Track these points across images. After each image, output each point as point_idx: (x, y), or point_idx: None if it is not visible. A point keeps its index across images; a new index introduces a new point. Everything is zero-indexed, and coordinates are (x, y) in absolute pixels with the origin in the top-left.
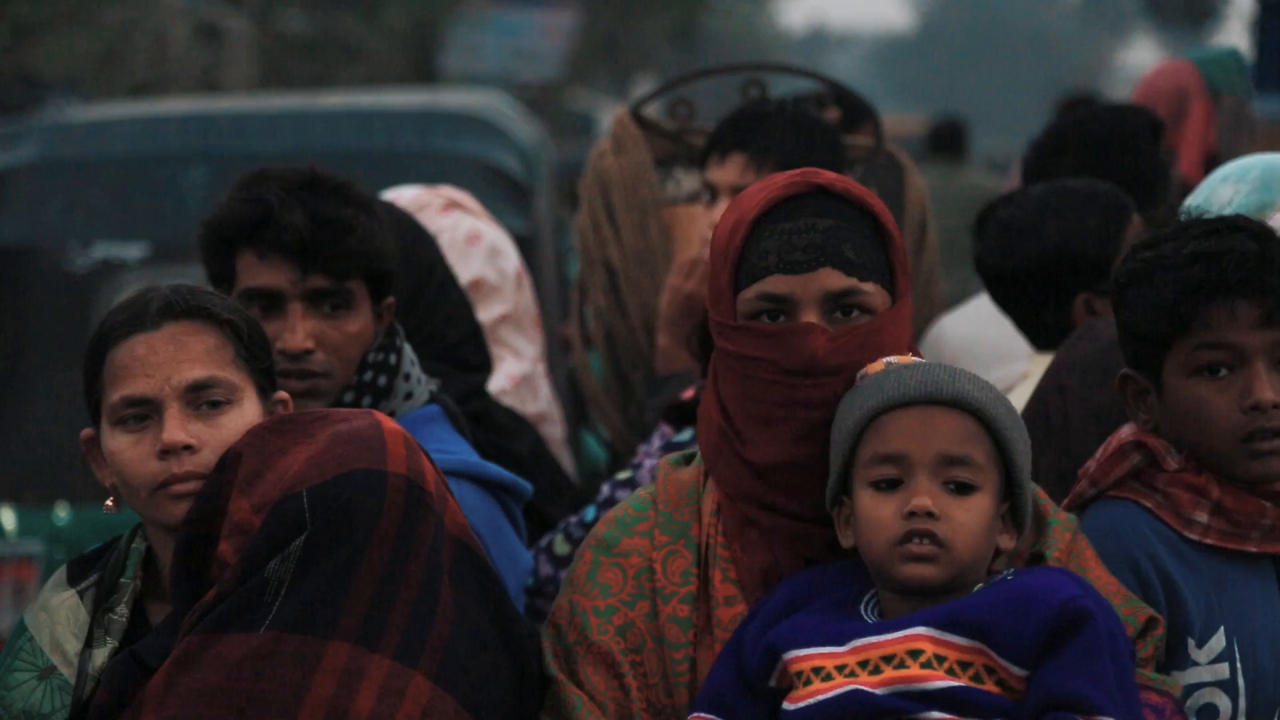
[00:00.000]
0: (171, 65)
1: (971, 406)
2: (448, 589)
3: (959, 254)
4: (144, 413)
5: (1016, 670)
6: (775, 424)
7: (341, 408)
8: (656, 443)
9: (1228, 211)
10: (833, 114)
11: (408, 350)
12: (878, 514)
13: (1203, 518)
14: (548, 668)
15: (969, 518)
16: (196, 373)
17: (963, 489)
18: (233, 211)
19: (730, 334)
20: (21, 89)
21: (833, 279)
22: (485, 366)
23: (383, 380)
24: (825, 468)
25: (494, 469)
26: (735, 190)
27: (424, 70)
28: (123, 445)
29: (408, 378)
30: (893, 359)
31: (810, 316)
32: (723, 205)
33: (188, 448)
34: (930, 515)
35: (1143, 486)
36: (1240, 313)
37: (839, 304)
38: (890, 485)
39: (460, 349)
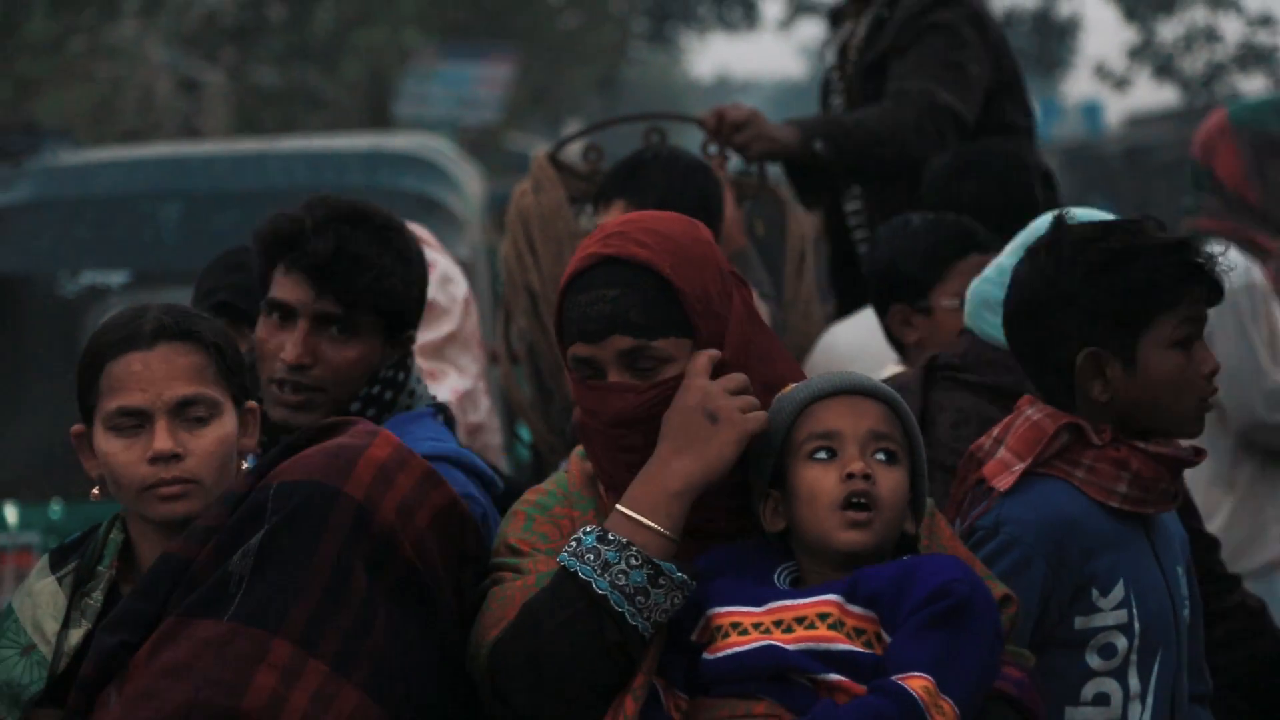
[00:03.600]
0: (157, 115)
1: (889, 399)
2: (385, 608)
3: None
4: (137, 422)
5: (889, 639)
6: (614, 457)
7: (349, 419)
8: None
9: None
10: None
11: (415, 368)
12: (820, 483)
13: (1122, 488)
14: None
15: (895, 483)
16: (185, 390)
17: (889, 459)
18: (276, 225)
19: (572, 383)
20: (23, 137)
21: (623, 342)
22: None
23: (389, 395)
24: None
25: (476, 460)
26: None
27: (379, 117)
28: (116, 449)
29: (412, 393)
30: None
31: (614, 376)
32: None
33: (175, 456)
34: (867, 477)
35: (1067, 464)
36: (1200, 294)
37: (633, 361)
38: (829, 455)
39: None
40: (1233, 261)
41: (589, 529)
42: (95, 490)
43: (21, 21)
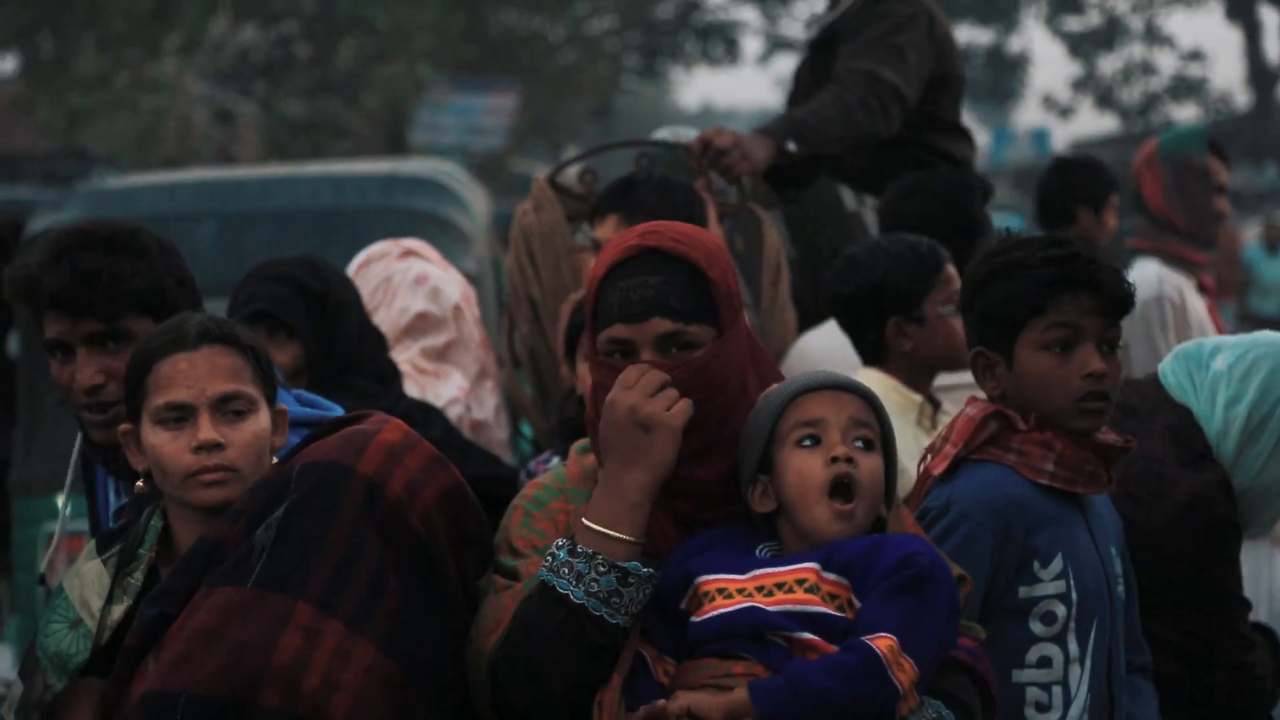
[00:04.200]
0: (195, 143)
1: (865, 394)
2: (395, 574)
3: None
4: (181, 415)
5: (859, 604)
6: None
7: (368, 410)
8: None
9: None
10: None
11: None
12: (807, 467)
13: (1049, 466)
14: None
15: (874, 467)
16: (225, 387)
17: (867, 445)
18: (12, 281)
19: (595, 366)
20: (74, 163)
21: (663, 325)
22: (397, 375)
23: None
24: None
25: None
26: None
27: (396, 144)
28: (162, 440)
29: None
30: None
31: (647, 355)
32: None
33: (218, 445)
34: (850, 460)
35: (999, 449)
36: (1083, 303)
37: (670, 343)
38: (812, 446)
39: (382, 367)
40: (1146, 277)
41: (560, 543)
42: (139, 483)
43: (73, 59)
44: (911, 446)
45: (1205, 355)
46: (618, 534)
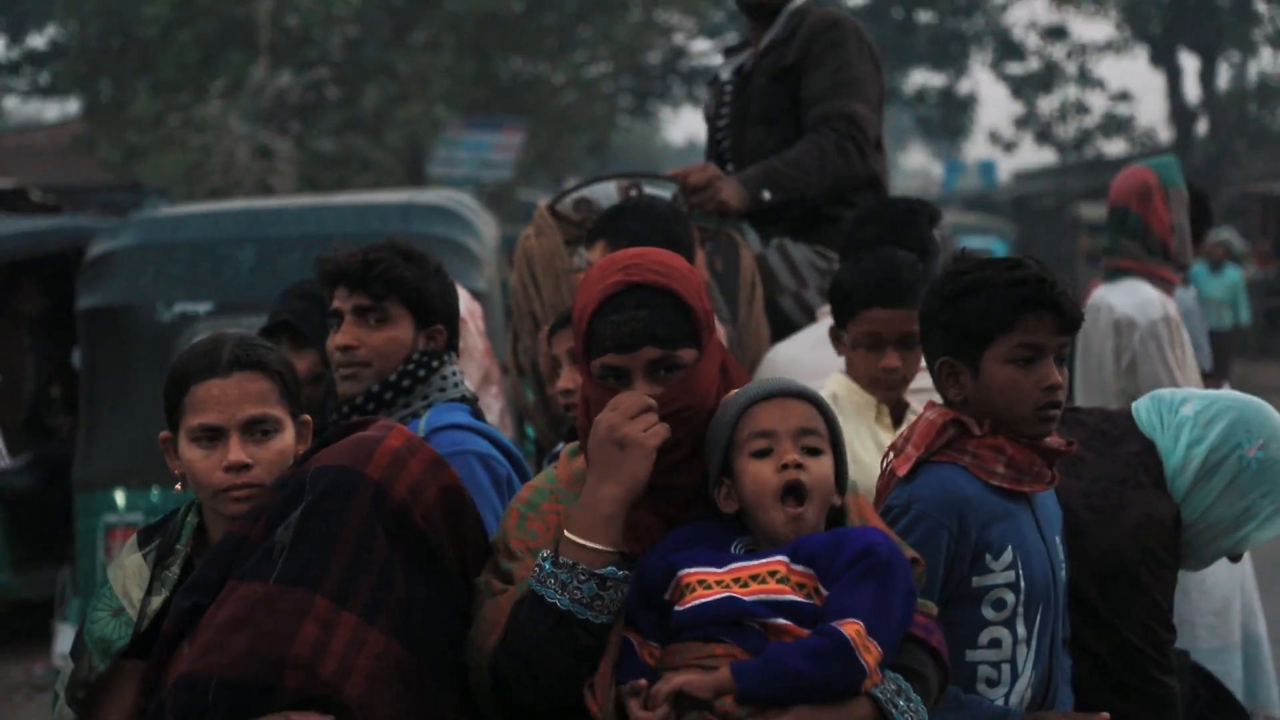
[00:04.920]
0: (237, 176)
1: (813, 399)
2: (402, 568)
3: None
4: (214, 436)
5: (826, 592)
6: None
7: (372, 417)
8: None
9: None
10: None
11: (453, 365)
12: (760, 475)
13: (1000, 469)
14: (483, 586)
15: (822, 470)
16: (254, 411)
17: (814, 451)
18: (322, 262)
19: (591, 388)
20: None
21: (652, 353)
22: None
23: (422, 373)
24: (668, 480)
25: (498, 434)
26: None
27: (416, 177)
28: (196, 457)
29: (444, 378)
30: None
31: (639, 379)
32: None
33: (245, 466)
34: (799, 466)
35: (955, 451)
36: (1046, 322)
37: (659, 367)
38: (764, 453)
39: None
40: (1149, 298)
41: (545, 554)
42: (179, 485)
43: (129, 102)
44: (868, 441)
45: (1177, 401)
46: (594, 544)
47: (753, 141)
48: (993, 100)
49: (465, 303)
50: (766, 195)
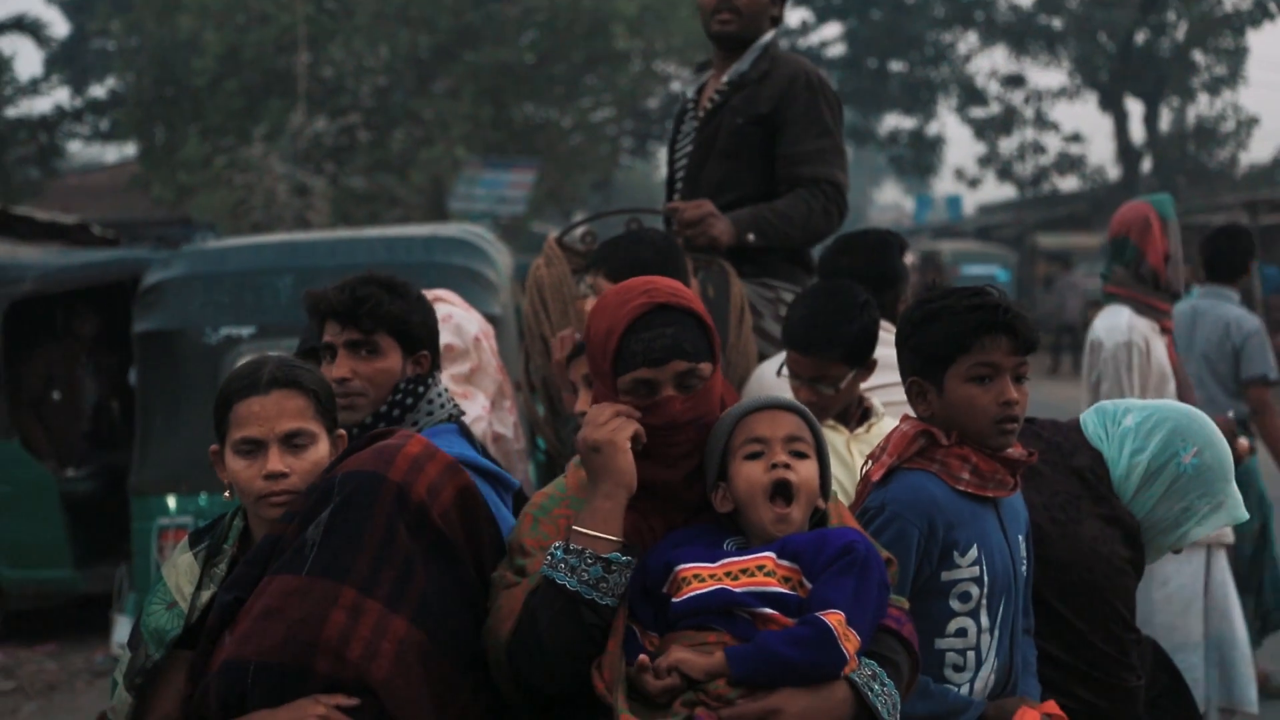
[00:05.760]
0: (277, 212)
1: (800, 412)
2: (422, 561)
3: None
4: (255, 448)
5: (810, 585)
6: (646, 457)
7: (394, 427)
8: None
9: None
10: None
11: (439, 387)
12: (752, 475)
13: (965, 475)
14: (499, 580)
15: (808, 472)
16: (290, 424)
17: (801, 455)
18: (311, 298)
19: (623, 399)
20: (180, 229)
21: (680, 365)
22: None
23: (410, 401)
24: (677, 483)
25: (490, 465)
26: (601, 291)
27: (438, 212)
28: (240, 467)
29: (430, 402)
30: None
31: (668, 390)
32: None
33: (282, 475)
34: (787, 466)
35: (925, 459)
36: (1001, 344)
37: (685, 379)
38: (756, 456)
39: None
40: (1118, 324)
41: (558, 545)
42: (226, 493)
43: (180, 146)
44: (839, 448)
45: (1119, 413)
46: (598, 533)
47: (713, 172)
48: (958, 141)
49: (478, 325)
50: (751, 238)
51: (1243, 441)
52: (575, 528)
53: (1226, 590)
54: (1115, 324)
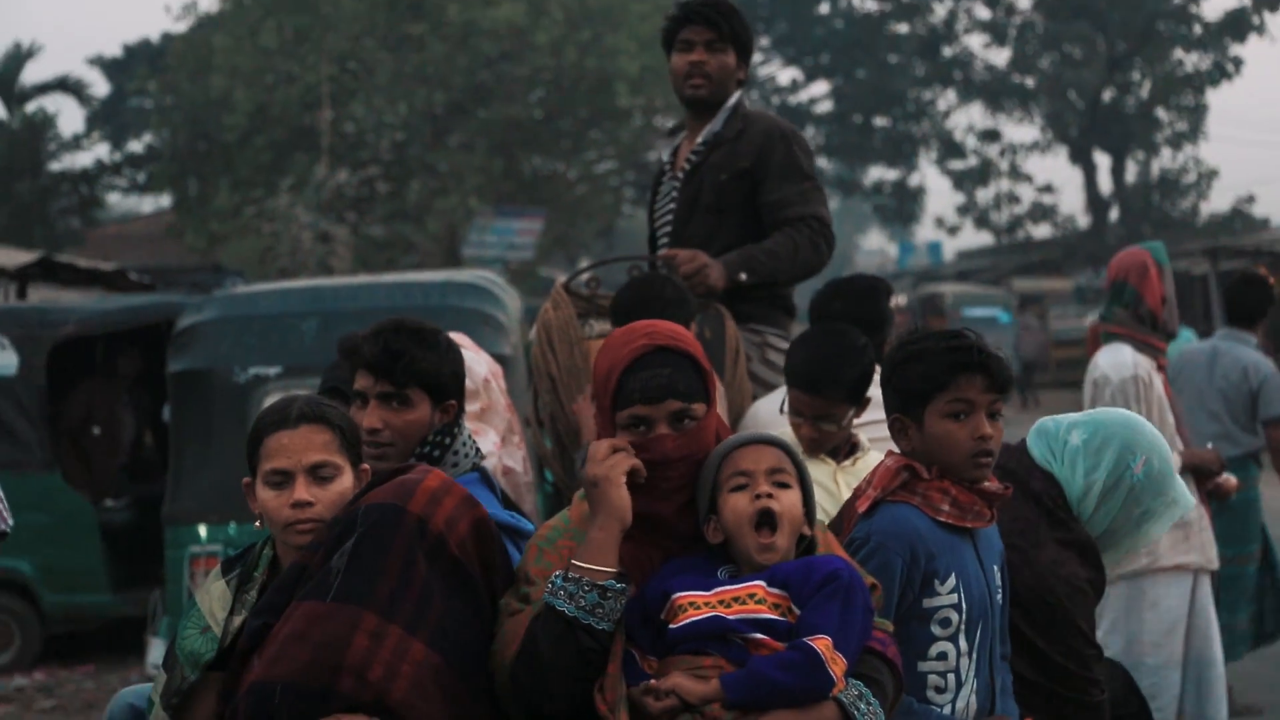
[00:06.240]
0: (302, 258)
1: (782, 446)
2: (440, 588)
3: None
4: (283, 479)
5: (799, 611)
6: (642, 491)
7: (421, 463)
8: None
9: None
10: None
11: (464, 435)
12: (738, 505)
13: (946, 507)
14: (505, 607)
15: (791, 501)
16: (316, 457)
17: (783, 485)
18: (345, 343)
19: (620, 433)
20: (211, 275)
21: (674, 404)
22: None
23: (436, 454)
24: (670, 515)
25: (506, 518)
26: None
27: (452, 258)
28: (269, 497)
29: (455, 453)
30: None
31: (662, 427)
32: None
33: (309, 504)
34: (770, 496)
35: (907, 492)
36: (976, 381)
37: (679, 418)
38: (741, 488)
39: None
40: (1124, 360)
41: (558, 574)
42: (257, 523)
43: (212, 197)
44: (825, 480)
45: (1062, 431)
46: (593, 565)
47: (698, 227)
48: (938, 191)
49: (488, 366)
50: (743, 277)
51: (1230, 478)
52: (574, 560)
53: (1208, 615)
54: (1120, 360)
